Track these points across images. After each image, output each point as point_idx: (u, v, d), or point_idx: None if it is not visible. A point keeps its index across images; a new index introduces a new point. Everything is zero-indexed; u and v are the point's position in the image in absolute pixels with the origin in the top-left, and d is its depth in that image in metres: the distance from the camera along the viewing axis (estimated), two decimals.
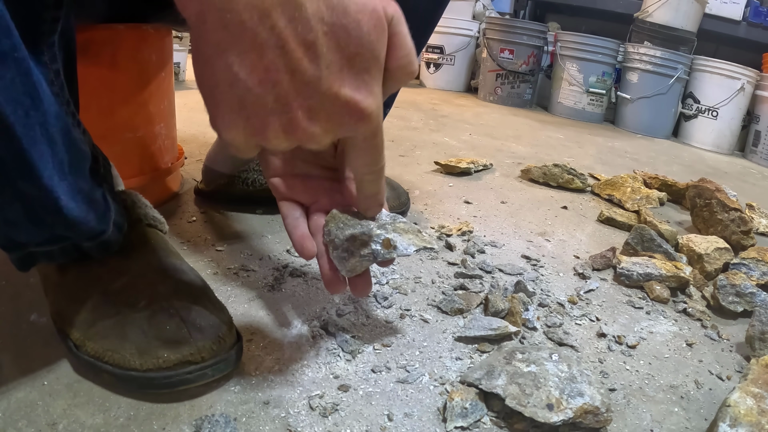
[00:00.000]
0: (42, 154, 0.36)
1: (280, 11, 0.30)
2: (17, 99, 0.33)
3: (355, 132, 0.35)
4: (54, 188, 0.38)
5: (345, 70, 0.32)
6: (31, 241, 0.42)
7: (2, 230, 0.40)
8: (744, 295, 0.70)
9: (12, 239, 0.42)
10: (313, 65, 0.32)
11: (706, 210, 0.96)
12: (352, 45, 0.32)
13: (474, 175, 1.20)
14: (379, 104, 0.35)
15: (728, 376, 0.57)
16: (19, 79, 0.33)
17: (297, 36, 0.31)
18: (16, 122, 0.33)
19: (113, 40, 0.64)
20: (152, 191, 0.75)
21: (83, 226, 0.42)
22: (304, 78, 0.32)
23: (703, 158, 2.03)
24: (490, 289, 0.67)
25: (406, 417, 0.44)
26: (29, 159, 0.35)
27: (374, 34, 0.33)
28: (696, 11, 2.38)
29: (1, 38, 0.31)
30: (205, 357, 0.42)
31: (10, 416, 0.39)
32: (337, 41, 0.32)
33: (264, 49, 0.31)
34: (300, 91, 0.32)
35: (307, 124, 0.33)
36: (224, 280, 0.61)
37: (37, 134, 0.35)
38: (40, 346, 0.47)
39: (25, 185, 0.36)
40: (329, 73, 0.32)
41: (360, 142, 0.37)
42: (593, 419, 0.44)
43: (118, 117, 0.67)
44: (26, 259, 0.44)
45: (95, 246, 0.45)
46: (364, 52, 0.33)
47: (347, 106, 0.33)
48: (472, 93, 2.75)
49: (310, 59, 0.31)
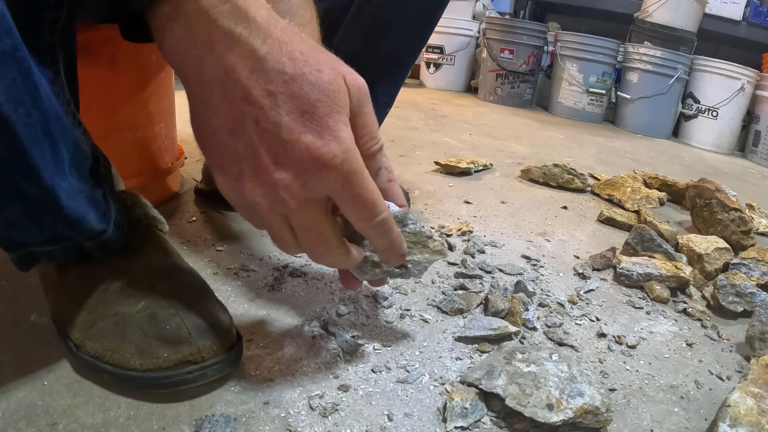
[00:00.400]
0: (43, 154, 0.36)
1: (242, 65, 0.33)
2: (18, 99, 0.33)
3: (326, 181, 0.35)
4: (55, 188, 0.38)
5: (306, 116, 0.34)
6: (32, 241, 0.42)
7: (3, 230, 0.40)
8: (744, 295, 0.70)
9: (13, 239, 0.42)
10: (274, 112, 0.33)
11: (706, 210, 0.96)
12: (313, 92, 0.34)
13: (474, 175, 1.20)
14: (346, 149, 0.34)
15: (728, 376, 0.57)
16: (20, 78, 0.33)
17: (258, 86, 0.33)
18: (17, 122, 0.33)
19: (113, 40, 0.64)
20: (152, 191, 0.75)
21: (84, 225, 0.42)
22: (267, 125, 0.34)
23: (703, 158, 2.03)
24: (490, 289, 0.67)
25: (406, 417, 0.44)
26: (30, 159, 0.35)
27: (335, 84, 0.34)
28: (696, 11, 2.38)
29: (2, 38, 0.31)
30: (205, 357, 0.42)
31: (10, 416, 0.39)
32: (299, 89, 0.33)
33: (231, 100, 0.34)
34: (264, 138, 0.34)
35: (274, 170, 0.35)
36: (224, 280, 0.61)
37: (38, 134, 0.35)
38: (40, 346, 0.47)
39: (26, 185, 0.36)
40: (289, 120, 0.33)
41: (341, 193, 0.36)
42: (593, 419, 0.44)
43: (118, 117, 0.67)
44: (27, 258, 0.44)
45: (96, 246, 0.45)
46: (325, 99, 0.34)
47: (308, 152, 0.34)
48: (472, 93, 2.75)
49: (271, 107, 0.33)
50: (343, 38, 0.69)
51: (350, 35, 0.69)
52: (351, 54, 0.70)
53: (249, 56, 0.33)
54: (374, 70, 0.73)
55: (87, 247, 0.45)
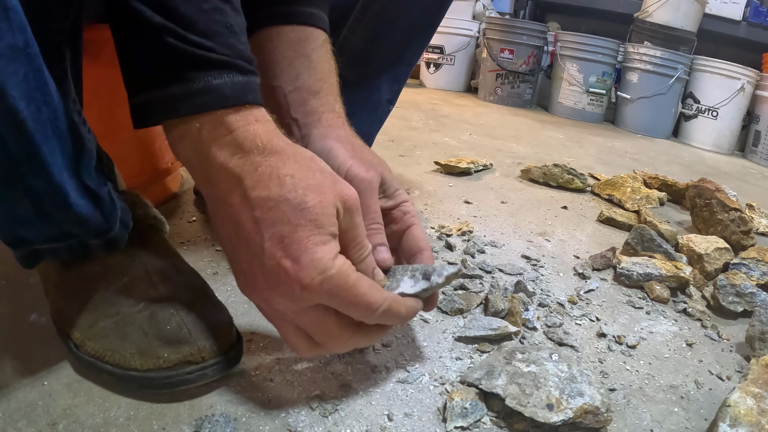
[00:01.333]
0: (53, 151, 0.36)
1: (236, 192, 0.37)
2: (30, 95, 0.33)
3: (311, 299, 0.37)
4: (64, 185, 0.38)
5: (285, 241, 0.36)
6: (38, 238, 0.42)
7: (10, 227, 0.41)
8: (744, 295, 0.70)
9: (19, 236, 0.42)
10: (259, 238, 0.36)
11: (706, 210, 0.96)
12: (294, 217, 0.36)
13: (474, 175, 1.20)
14: (323, 270, 0.36)
15: (728, 376, 0.57)
16: (32, 75, 0.33)
17: (246, 213, 0.36)
18: (29, 117, 0.33)
19: (113, 40, 0.64)
20: (152, 191, 0.75)
21: (91, 223, 0.42)
22: (254, 249, 0.36)
23: (703, 158, 2.03)
24: (490, 289, 0.67)
25: (406, 417, 0.44)
26: (41, 155, 0.35)
27: (319, 207, 0.36)
28: (696, 11, 2.38)
29: (16, 33, 0.31)
30: (205, 357, 0.42)
31: (10, 416, 0.39)
32: (281, 215, 0.36)
33: (228, 222, 0.38)
34: (253, 261, 0.37)
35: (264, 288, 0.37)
36: (224, 280, 0.61)
37: (48, 131, 0.35)
38: (40, 346, 0.47)
39: (35, 181, 0.36)
40: (270, 245, 0.36)
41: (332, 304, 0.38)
42: (593, 419, 0.44)
43: (118, 117, 0.67)
44: (31, 256, 0.44)
45: (102, 243, 0.45)
46: (306, 222, 0.36)
47: (288, 277, 0.36)
48: (472, 93, 2.75)
49: (256, 233, 0.36)
50: (348, 36, 0.69)
51: (355, 33, 0.69)
52: (356, 52, 0.70)
53: (238, 186, 0.36)
54: (378, 67, 0.73)
55: (92, 245, 0.45)
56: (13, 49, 0.31)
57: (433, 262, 0.49)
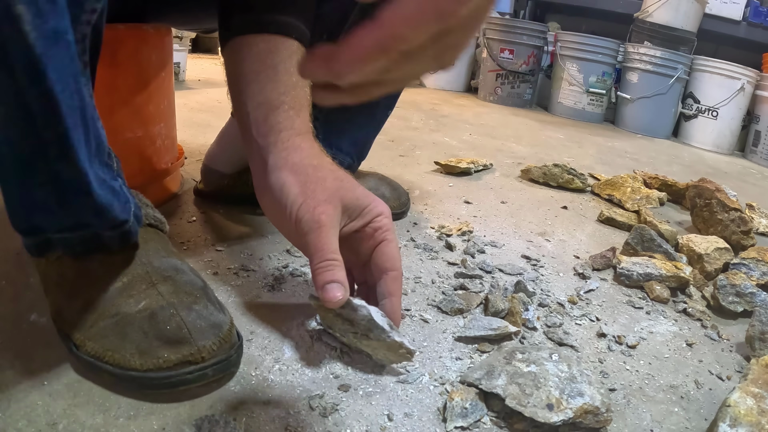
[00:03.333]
0: (80, 138, 0.37)
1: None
2: (65, 80, 0.34)
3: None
4: (88, 173, 0.38)
5: None
6: (54, 226, 0.42)
7: (26, 213, 0.41)
8: (744, 295, 0.70)
9: (34, 223, 0.42)
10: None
11: (706, 210, 0.96)
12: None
13: (474, 175, 1.20)
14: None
15: (728, 376, 0.57)
16: (68, 61, 0.34)
17: None
18: (63, 102, 0.34)
19: (113, 40, 0.64)
20: (152, 191, 0.75)
21: (109, 213, 0.42)
22: None
23: (703, 158, 2.03)
24: (490, 289, 0.67)
25: (406, 417, 0.44)
26: (70, 140, 0.35)
27: None
28: (696, 11, 2.38)
29: (59, 18, 0.31)
30: (205, 357, 0.42)
31: (10, 416, 0.39)
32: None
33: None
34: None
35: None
36: (224, 280, 0.61)
37: (77, 118, 0.36)
38: (40, 346, 0.47)
39: (61, 165, 0.37)
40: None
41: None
42: (593, 419, 0.44)
43: (118, 117, 0.67)
44: (43, 245, 0.44)
45: (116, 236, 0.45)
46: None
47: None
48: (472, 93, 2.75)
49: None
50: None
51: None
52: None
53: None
54: None
55: (106, 237, 0.45)
56: (55, 32, 0.31)
57: (399, 284, 0.49)
